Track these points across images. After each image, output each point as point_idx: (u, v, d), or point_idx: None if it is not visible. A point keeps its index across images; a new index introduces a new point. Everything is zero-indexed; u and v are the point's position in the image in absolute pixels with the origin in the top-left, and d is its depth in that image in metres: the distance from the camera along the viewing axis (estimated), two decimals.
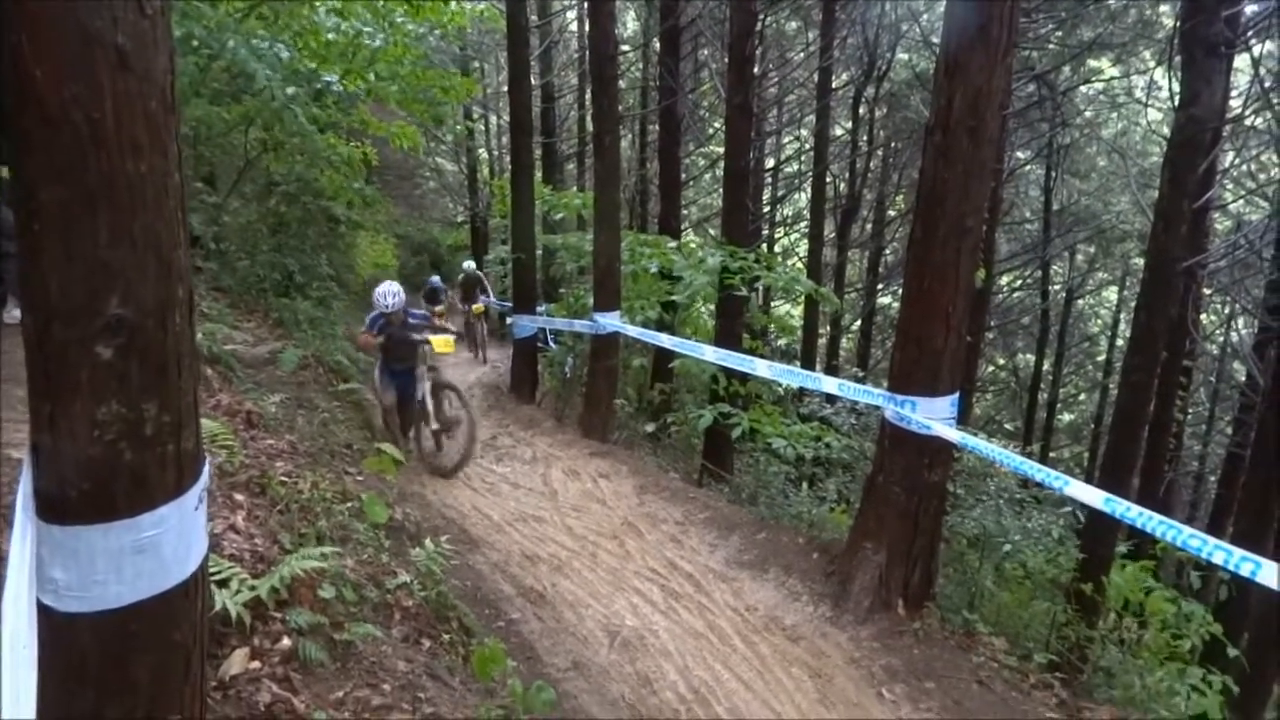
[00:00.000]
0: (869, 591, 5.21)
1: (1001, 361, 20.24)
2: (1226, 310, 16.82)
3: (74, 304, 1.44)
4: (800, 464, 8.93)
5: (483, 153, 25.91)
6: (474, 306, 14.74)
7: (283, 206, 11.61)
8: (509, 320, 13.15)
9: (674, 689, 4.22)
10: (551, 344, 12.55)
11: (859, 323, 19.71)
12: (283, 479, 4.40)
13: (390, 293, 7.42)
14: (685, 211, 17.29)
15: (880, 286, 19.15)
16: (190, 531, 1.70)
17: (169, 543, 1.63)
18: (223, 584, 3.09)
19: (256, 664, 2.98)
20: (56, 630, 1.58)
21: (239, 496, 3.99)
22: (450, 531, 5.71)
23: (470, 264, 15.55)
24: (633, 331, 9.08)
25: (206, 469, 1.79)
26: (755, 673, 4.47)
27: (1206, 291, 13.41)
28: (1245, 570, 3.61)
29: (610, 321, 8.99)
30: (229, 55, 7.61)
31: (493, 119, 25.14)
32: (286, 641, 3.13)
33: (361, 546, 4.22)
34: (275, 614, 3.21)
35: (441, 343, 7.68)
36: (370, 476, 5.88)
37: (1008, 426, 18.45)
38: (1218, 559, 3.76)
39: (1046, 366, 18.96)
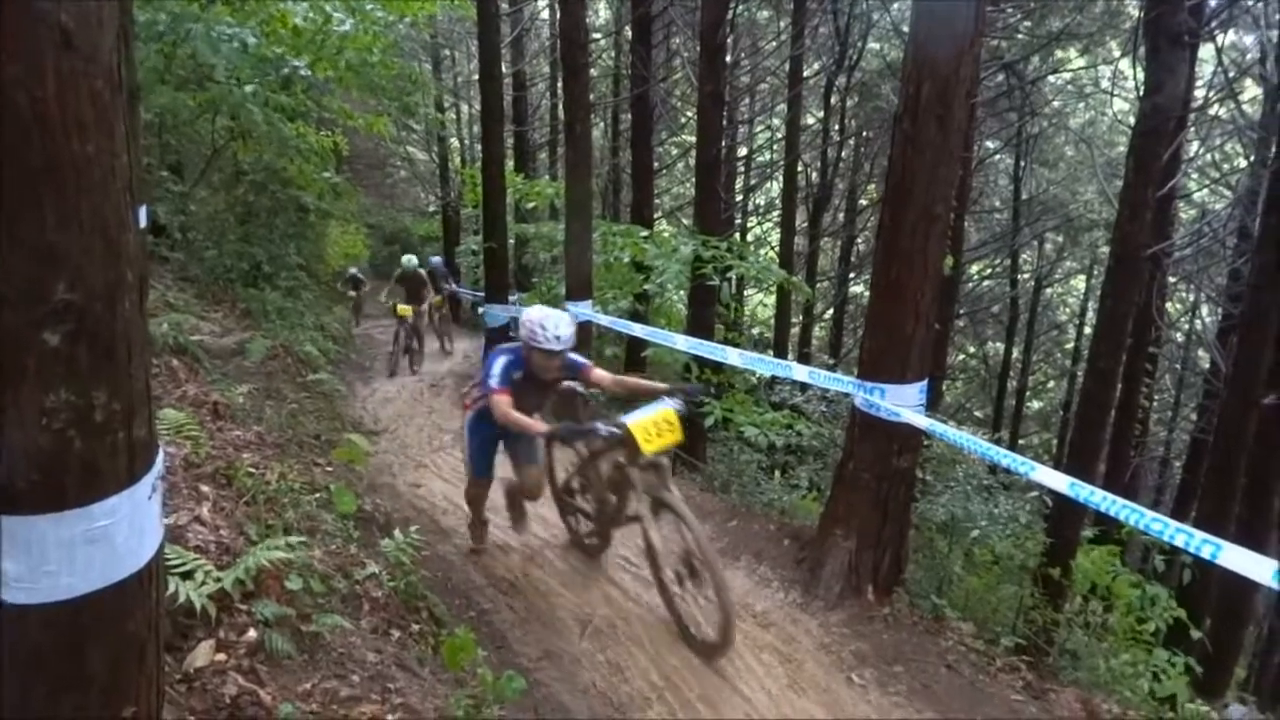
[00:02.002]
0: (839, 578, 5.24)
1: (971, 349, 20.45)
2: (1191, 298, 17.07)
3: (20, 289, 1.41)
4: (772, 452, 8.97)
5: (454, 142, 25.74)
6: (400, 308, 12.72)
7: (251, 195, 11.48)
8: (481, 310, 13.07)
9: (645, 676, 4.23)
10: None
11: (831, 311, 19.81)
12: (250, 470, 4.35)
13: (561, 322, 4.71)
14: (658, 200, 17.30)
15: (852, 275, 19.24)
16: (143, 521, 1.68)
17: (121, 532, 1.61)
18: (187, 576, 3.05)
19: (222, 656, 2.95)
20: (7, 623, 1.55)
21: (205, 488, 3.94)
22: (421, 522, 5.68)
23: (410, 259, 13.57)
24: (604, 320, 9.07)
25: (160, 458, 1.76)
26: (726, 659, 4.48)
27: (1171, 279, 13.59)
28: (1206, 553, 3.66)
29: (582, 311, 8.97)
30: (190, 44, 7.49)
31: (464, 108, 24.96)
32: (253, 633, 3.10)
33: (330, 537, 4.19)
34: (241, 606, 3.18)
35: (654, 426, 4.45)
36: (339, 467, 5.84)
37: (977, 414, 18.67)
38: (1179, 541, 3.80)
39: (1016, 354, 19.17)
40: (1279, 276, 7.98)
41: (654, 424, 4.41)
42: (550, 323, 4.63)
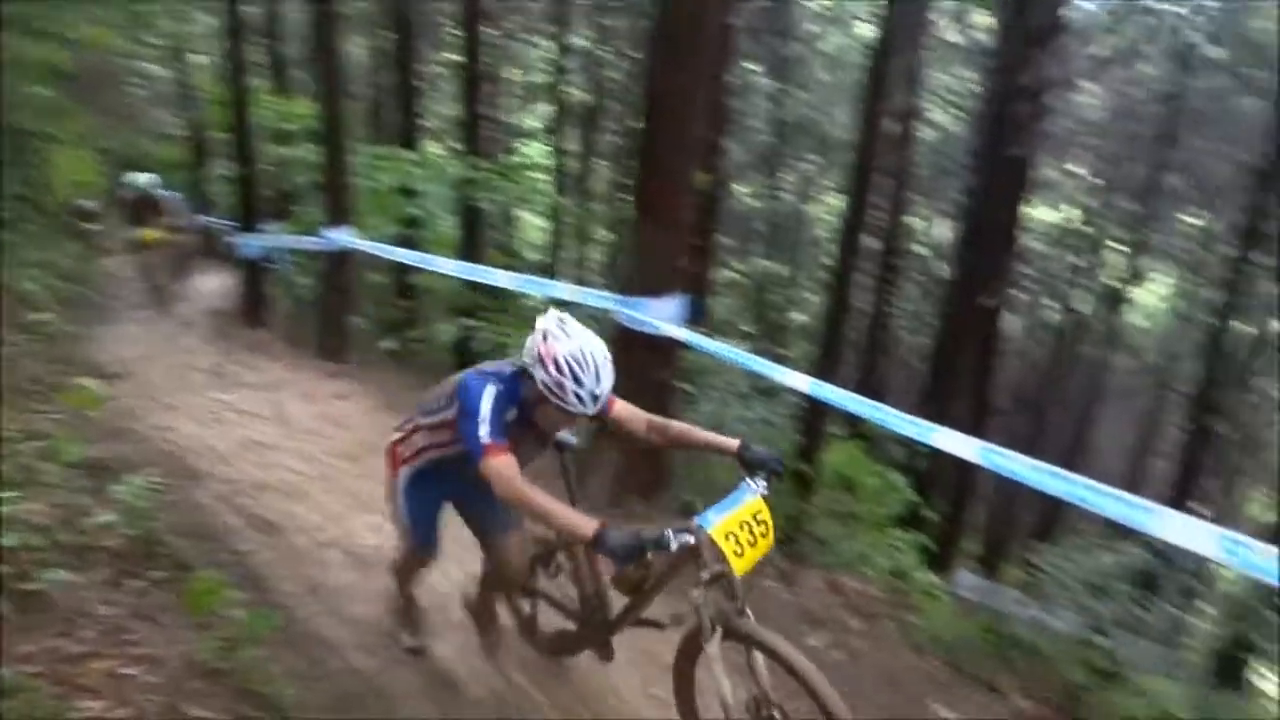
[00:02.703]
0: (605, 489, 5.43)
1: (738, 266, 21.29)
2: (930, 213, 18.57)
3: None
4: None
5: (199, 58, 23.55)
6: (145, 233, 11.17)
7: None
8: (233, 241, 12.20)
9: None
10: (283, 264, 11.86)
11: (608, 233, 19.98)
12: None
13: (604, 367, 2.89)
14: (424, 122, 16.63)
15: (625, 196, 19.43)
16: None
17: None
18: None
19: None
20: None
21: None
22: (168, 466, 5.32)
23: (138, 177, 11.66)
24: (366, 246, 8.70)
25: None
26: None
27: (911, 195, 14.67)
28: (930, 440, 4.07)
29: (342, 237, 8.57)
30: None
31: (211, 20, 22.82)
32: None
33: (51, 489, 3.85)
34: None
35: (743, 530, 2.87)
36: (68, 413, 5.35)
37: (744, 328, 19.54)
38: (909, 432, 4.21)
39: (780, 270, 20.18)
40: (995, 192, 8.83)
41: (741, 525, 2.84)
42: (589, 372, 2.83)
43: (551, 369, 2.81)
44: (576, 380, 2.81)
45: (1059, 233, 19.72)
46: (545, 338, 2.87)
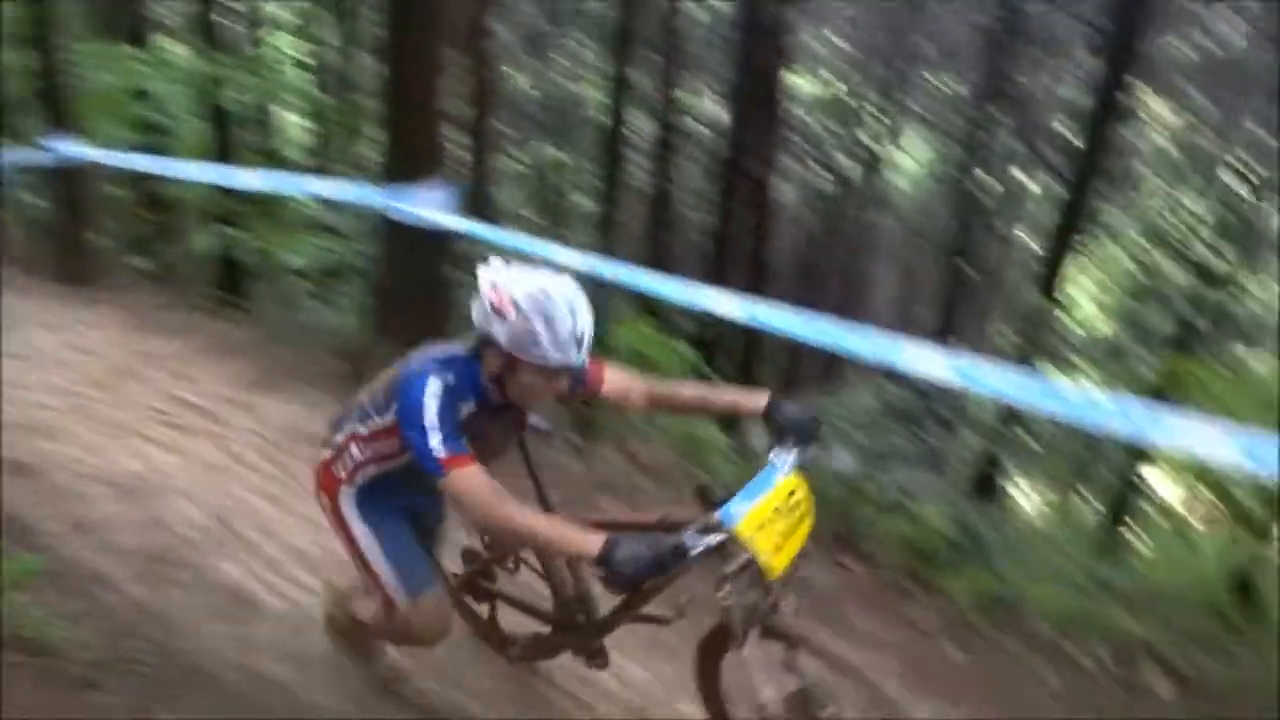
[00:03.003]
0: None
1: (518, 154, 20.90)
2: (704, 89, 18.76)
3: None
4: (324, 280, 8.66)
5: None
6: None
7: None
8: None
9: (189, 522, 4.03)
10: (8, 184, 10.57)
11: (378, 129, 18.93)
12: None
13: (581, 304, 2.27)
14: (153, 15, 15.03)
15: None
16: None
17: None
18: None
19: None
20: None
21: None
22: None
23: None
24: (95, 156, 7.84)
25: None
26: (283, 487, 4.42)
27: (683, 72, 14.75)
28: (702, 303, 4.21)
29: (66, 148, 7.68)
30: None
31: None
32: None
33: None
34: None
35: (778, 519, 2.27)
36: None
37: (532, 217, 19.34)
38: (681, 298, 4.34)
39: (562, 156, 19.98)
40: (757, 63, 9.04)
41: (774, 512, 2.27)
42: (560, 308, 2.23)
43: (513, 315, 2.23)
44: (547, 319, 2.22)
45: (823, 102, 20.53)
46: (494, 286, 2.28)
